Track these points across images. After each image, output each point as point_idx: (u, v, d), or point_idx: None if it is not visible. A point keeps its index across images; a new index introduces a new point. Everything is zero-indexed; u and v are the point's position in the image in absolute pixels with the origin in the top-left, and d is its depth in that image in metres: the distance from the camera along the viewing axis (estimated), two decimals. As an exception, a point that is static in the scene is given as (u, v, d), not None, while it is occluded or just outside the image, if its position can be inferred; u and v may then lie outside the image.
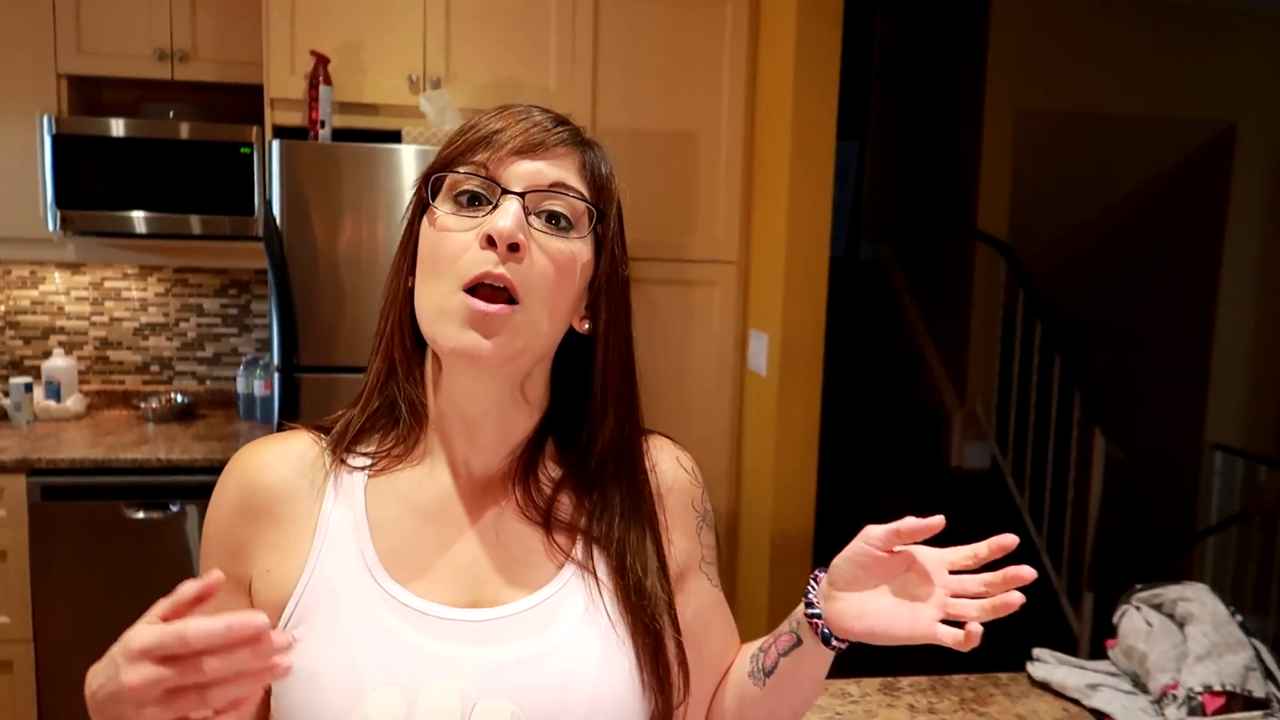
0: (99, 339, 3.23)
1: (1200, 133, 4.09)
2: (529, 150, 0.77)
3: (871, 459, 4.03)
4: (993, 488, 3.98)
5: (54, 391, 3.05)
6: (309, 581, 0.78)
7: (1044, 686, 1.48)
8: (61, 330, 3.20)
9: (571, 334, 0.83)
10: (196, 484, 2.66)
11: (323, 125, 2.57)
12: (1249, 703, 1.26)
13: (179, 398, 3.17)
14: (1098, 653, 1.57)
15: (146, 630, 0.61)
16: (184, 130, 2.76)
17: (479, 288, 0.74)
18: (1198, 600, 1.38)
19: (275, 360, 2.52)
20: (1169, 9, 4.01)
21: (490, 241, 0.74)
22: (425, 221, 0.79)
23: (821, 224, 2.61)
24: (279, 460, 0.82)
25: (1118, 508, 3.53)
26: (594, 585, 0.81)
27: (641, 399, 0.86)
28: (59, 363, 3.08)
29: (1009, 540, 0.74)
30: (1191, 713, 1.27)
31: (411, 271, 0.80)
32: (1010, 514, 3.83)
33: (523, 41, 2.71)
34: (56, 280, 3.18)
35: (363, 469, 0.82)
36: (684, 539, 0.88)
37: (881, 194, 4.91)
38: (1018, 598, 0.71)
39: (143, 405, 3.13)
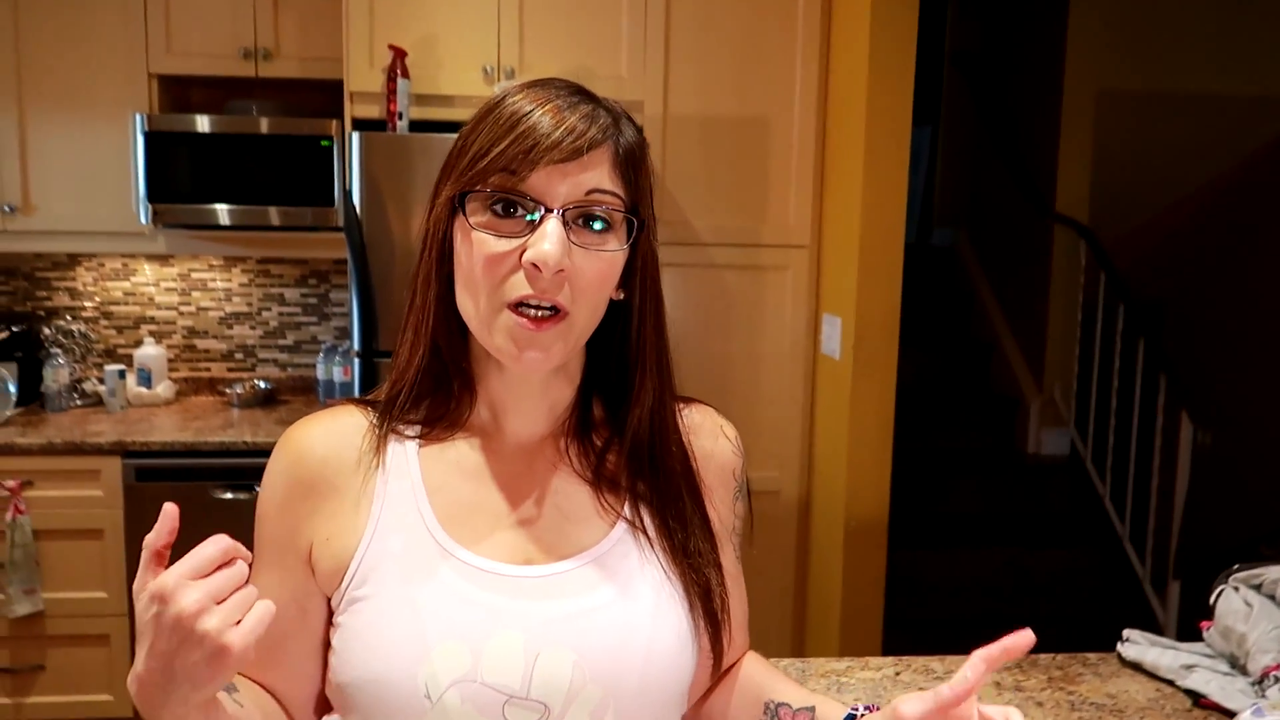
0: (186, 328, 3.34)
1: (1292, 110, 3.94)
2: (566, 159, 0.75)
3: (945, 447, 3.97)
4: (1072, 475, 3.88)
5: (145, 378, 3.18)
6: (369, 545, 0.80)
7: (1135, 667, 1.45)
8: (152, 320, 3.33)
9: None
10: (282, 467, 2.74)
11: (400, 117, 2.62)
12: (1356, 684, 1.22)
13: (262, 384, 3.27)
14: (1185, 640, 1.53)
15: (175, 566, 0.65)
16: (267, 125, 2.84)
17: (524, 304, 0.76)
18: (1300, 580, 1.34)
19: (355, 346, 2.59)
20: (1258, -19, 3.86)
21: (536, 268, 0.74)
22: (459, 226, 0.79)
23: (897, 208, 2.58)
24: (330, 434, 0.84)
25: (1205, 495, 3.43)
26: (645, 542, 0.83)
27: (677, 365, 0.88)
28: (150, 351, 3.20)
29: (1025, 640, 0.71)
30: (1294, 693, 1.23)
31: (444, 263, 0.81)
32: (1091, 501, 3.74)
33: (595, 31, 2.73)
34: (147, 272, 3.30)
35: (414, 438, 0.84)
36: (721, 506, 0.91)
37: (955, 180, 4.83)
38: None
39: (228, 391, 3.24)
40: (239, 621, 0.65)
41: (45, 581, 2.72)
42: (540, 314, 0.76)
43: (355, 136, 2.52)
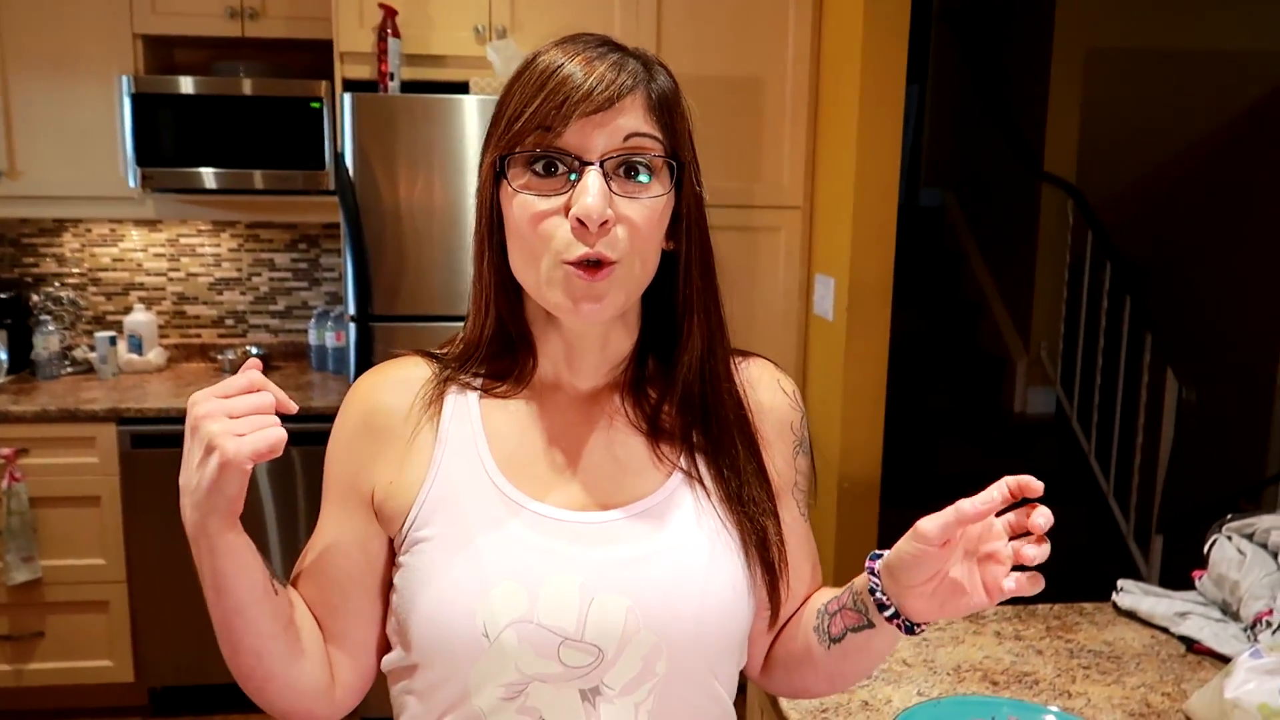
0: (176, 294, 3.32)
1: (1276, 68, 3.96)
2: (599, 110, 0.75)
3: (934, 406, 4.02)
4: (1058, 433, 3.94)
5: (136, 345, 3.16)
6: (431, 489, 0.82)
7: (1130, 615, 1.49)
8: (141, 286, 3.30)
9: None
10: (279, 431, 2.74)
11: (392, 78, 2.60)
12: (1345, 628, 1.26)
13: (253, 350, 3.26)
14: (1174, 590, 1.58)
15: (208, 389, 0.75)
16: (256, 86, 2.81)
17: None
18: (1291, 528, 1.38)
19: (351, 310, 2.58)
20: (1246, -61, 3.85)
21: (581, 223, 0.75)
22: (504, 189, 0.80)
23: (891, 167, 2.59)
24: (397, 382, 0.87)
25: (1187, 451, 3.49)
26: (701, 492, 0.85)
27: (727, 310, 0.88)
28: (140, 317, 3.18)
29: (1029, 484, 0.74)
30: (1286, 637, 1.27)
31: (494, 231, 0.82)
32: (1076, 459, 3.81)
33: (586, -12, 2.70)
34: (134, 238, 3.27)
35: (476, 389, 0.86)
36: (780, 459, 0.91)
37: (942, 140, 4.83)
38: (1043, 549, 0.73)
39: (219, 358, 3.22)
40: (244, 436, 0.71)
41: (43, 549, 2.72)
42: (592, 264, 0.77)
43: (347, 98, 2.50)
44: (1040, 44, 3.92)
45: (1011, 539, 0.75)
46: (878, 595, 0.80)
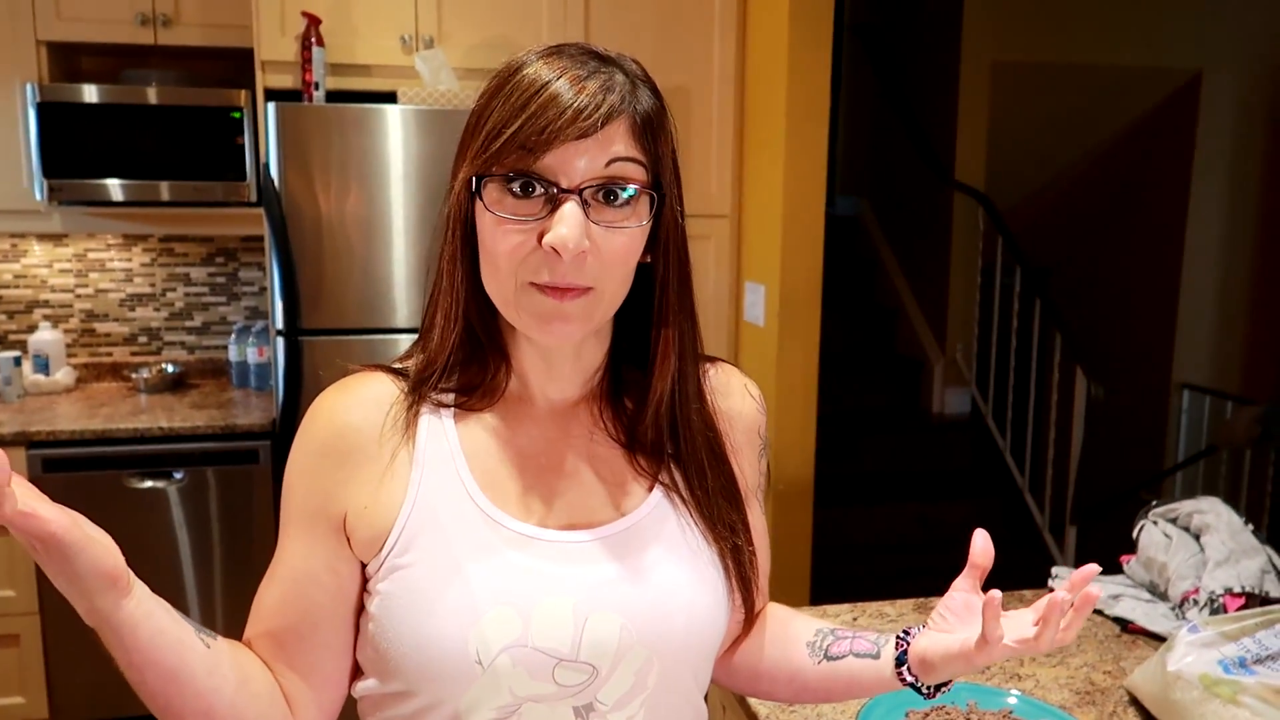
0: (85, 311, 3.19)
1: (1168, 81, 4.20)
2: (584, 135, 0.72)
3: (853, 408, 4.12)
4: (974, 432, 4.09)
5: (42, 365, 3.01)
6: (411, 512, 0.79)
7: (1067, 601, 1.56)
8: (46, 304, 3.15)
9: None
10: (202, 451, 2.66)
11: (317, 87, 2.55)
12: (1266, 603, 1.35)
13: (169, 368, 3.15)
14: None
15: None
16: (173, 95, 2.72)
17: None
18: (1213, 512, 1.46)
19: (278, 324, 2.52)
20: (1134, -40, 4.08)
21: (555, 251, 0.73)
22: (478, 208, 0.77)
23: (817, 176, 2.65)
24: (363, 401, 0.82)
25: (1094, 446, 3.66)
26: (681, 504, 0.85)
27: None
28: (46, 336, 3.04)
29: (1090, 571, 0.77)
30: (1214, 613, 1.35)
31: (467, 243, 0.79)
32: (992, 456, 3.95)
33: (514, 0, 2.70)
34: (38, 253, 3.13)
35: (449, 406, 0.83)
36: (748, 465, 0.92)
37: (855, 151, 4.97)
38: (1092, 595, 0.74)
39: (133, 376, 3.10)
40: None
41: (-54, 582, 2.58)
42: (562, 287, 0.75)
43: (270, 107, 2.44)
44: (948, 58, 4.08)
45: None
46: (901, 636, 0.84)
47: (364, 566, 0.82)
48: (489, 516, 0.80)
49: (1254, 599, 1.35)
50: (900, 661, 0.83)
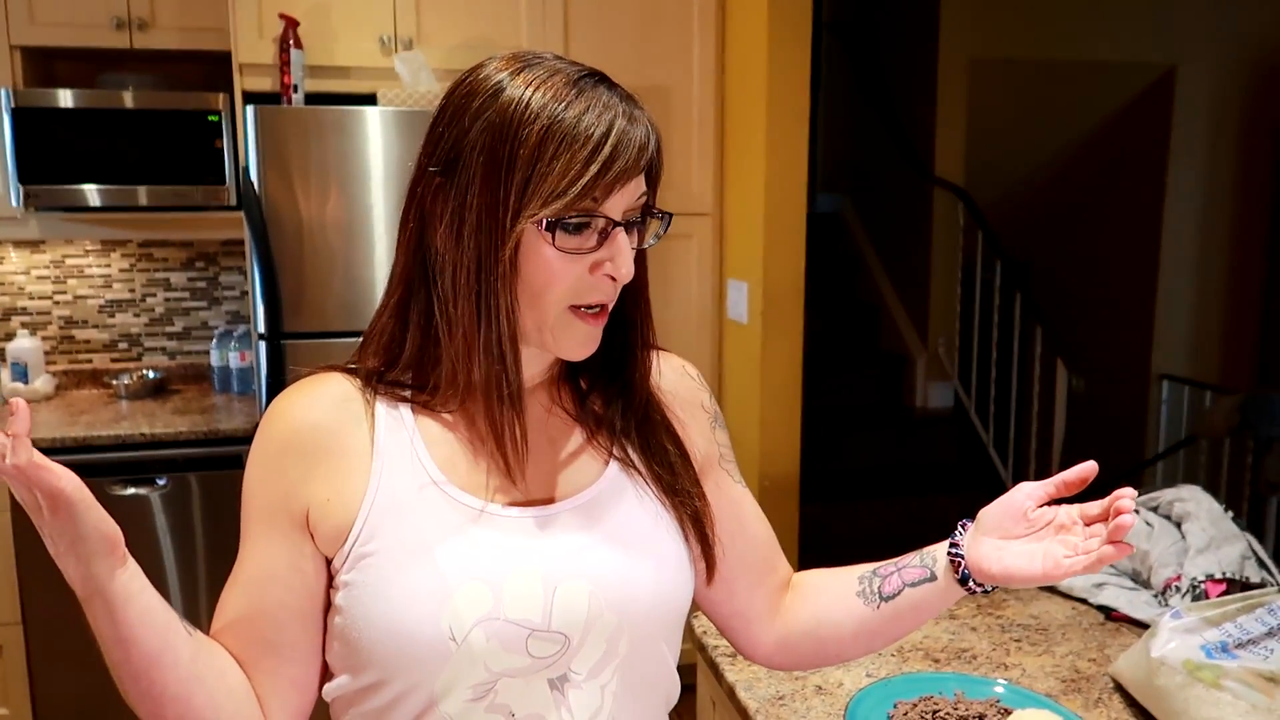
0: (63, 318, 3.16)
1: (1143, 76, 4.24)
2: (634, 177, 0.79)
3: (837, 404, 4.14)
4: (957, 426, 4.11)
5: (21, 373, 2.99)
6: (374, 500, 0.80)
7: (1051, 589, 1.58)
8: (24, 311, 3.12)
9: None
10: (186, 457, 2.64)
11: (295, 90, 2.54)
12: (1247, 588, 1.37)
13: (150, 374, 3.12)
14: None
15: None
16: (149, 99, 2.70)
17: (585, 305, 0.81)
18: (1193, 500, 1.48)
19: (260, 328, 2.50)
20: (1109, -44, 4.12)
21: (611, 279, 0.80)
22: (532, 238, 0.78)
23: (799, 173, 2.66)
24: (320, 399, 0.84)
25: (1076, 438, 3.69)
26: (637, 476, 0.89)
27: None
28: (24, 344, 3.01)
29: (1089, 470, 0.83)
30: (1195, 599, 1.37)
31: (493, 270, 0.78)
32: (976, 449, 3.98)
33: (493, 0, 2.70)
34: (14, 260, 3.10)
35: (406, 399, 0.85)
36: (700, 437, 0.95)
37: (835, 149, 4.99)
38: (1127, 519, 0.78)
39: (114, 383, 3.07)
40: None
41: (-74, 593, 2.55)
42: (595, 310, 0.82)
43: (249, 110, 2.42)
44: (926, 55, 4.10)
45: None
46: (955, 538, 0.88)
47: (329, 563, 0.82)
48: (451, 498, 0.82)
49: (1235, 584, 1.36)
50: (964, 580, 0.86)
